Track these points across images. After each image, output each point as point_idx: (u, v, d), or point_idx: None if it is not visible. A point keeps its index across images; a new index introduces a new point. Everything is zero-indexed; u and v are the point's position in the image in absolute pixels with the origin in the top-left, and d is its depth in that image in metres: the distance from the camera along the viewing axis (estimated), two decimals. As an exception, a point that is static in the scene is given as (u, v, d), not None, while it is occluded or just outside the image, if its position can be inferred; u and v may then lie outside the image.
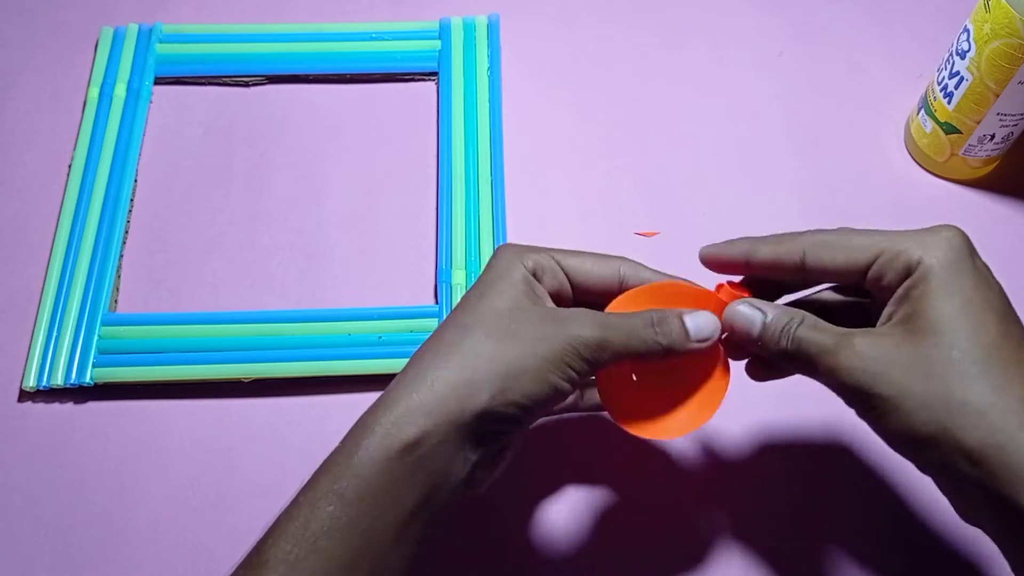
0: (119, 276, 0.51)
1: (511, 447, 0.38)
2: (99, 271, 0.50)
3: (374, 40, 0.59)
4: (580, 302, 0.38)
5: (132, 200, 0.53)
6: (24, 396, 0.48)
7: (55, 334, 0.48)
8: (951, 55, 0.50)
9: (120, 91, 0.56)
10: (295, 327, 0.49)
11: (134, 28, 0.59)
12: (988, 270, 0.34)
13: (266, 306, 0.50)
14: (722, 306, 0.37)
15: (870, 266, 0.34)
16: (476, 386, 0.33)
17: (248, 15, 0.60)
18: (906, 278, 0.33)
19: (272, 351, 0.48)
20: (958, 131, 0.51)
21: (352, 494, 0.32)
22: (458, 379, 0.33)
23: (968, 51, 0.48)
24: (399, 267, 0.51)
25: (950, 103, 0.51)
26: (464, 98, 0.56)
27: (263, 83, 0.58)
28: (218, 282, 0.51)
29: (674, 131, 0.56)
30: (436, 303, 0.50)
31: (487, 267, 0.38)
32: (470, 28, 0.59)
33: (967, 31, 0.48)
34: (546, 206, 0.53)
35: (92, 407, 0.47)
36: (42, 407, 0.47)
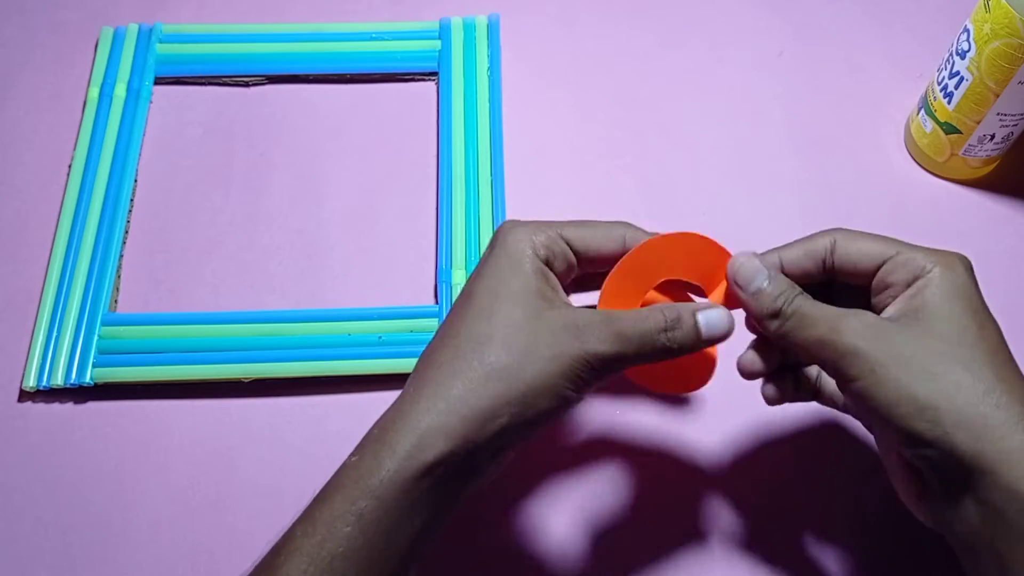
0: (119, 276, 0.51)
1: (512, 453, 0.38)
2: (99, 271, 0.50)
3: (374, 40, 0.59)
4: (585, 271, 0.38)
5: (132, 200, 0.53)
6: (24, 396, 0.48)
7: (55, 334, 0.48)
8: (951, 55, 0.50)
9: (120, 91, 0.56)
10: (295, 327, 0.49)
11: (134, 28, 0.59)
12: (979, 289, 0.35)
13: (266, 306, 0.50)
14: (726, 257, 0.38)
15: (885, 263, 0.35)
16: (496, 409, 0.33)
17: (248, 15, 0.60)
18: (913, 281, 0.34)
19: (272, 351, 0.48)
20: (958, 131, 0.51)
21: (371, 516, 0.32)
22: (480, 402, 0.33)
23: (968, 51, 0.48)
24: (399, 267, 0.51)
25: (950, 103, 0.51)
26: (464, 98, 0.56)
27: (263, 83, 0.58)
28: (218, 282, 0.51)
29: (674, 131, 0.56)
30: (436, 303, 0.50)
31: (495, 251, 0.37)
32: (470, 28, 0.59)
33: (967, 31, 0.48)
34: (546, 206, 0.53)
35: (92, 407, 0.47)
36: (42, 407, 0.47)
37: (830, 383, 0.40)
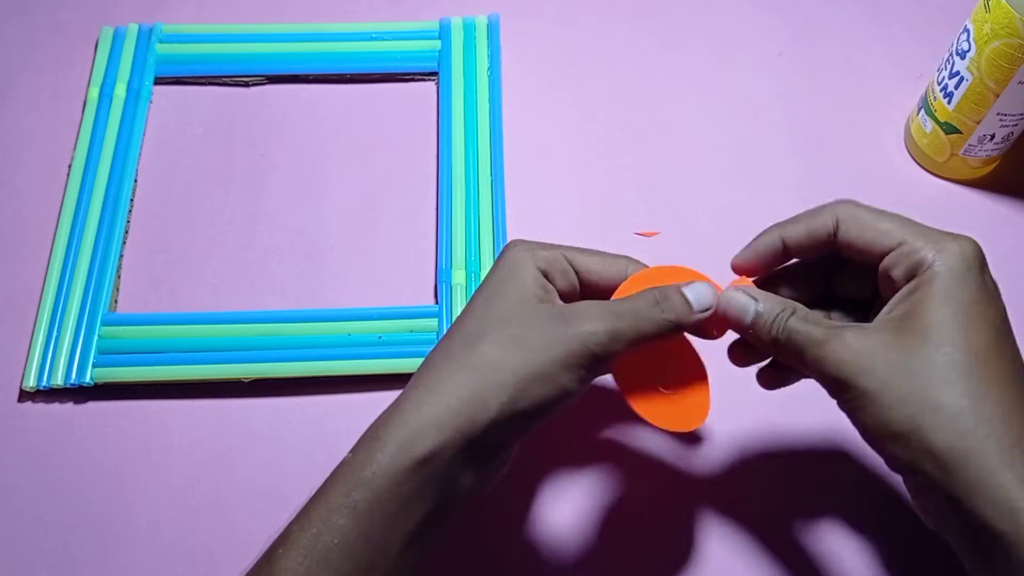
0: (119, 276, 0.51)
1: (514, 449, 0.38)
2: (99, 271, 0.50)
3: (374, 40, 0.59)
4: (586, 298, 0.38)
5: (132, 200, 0.53)
6: (24, 396, 0.48)
7: (55, 334, 0.48)
8: (951, 55, 0.50)
9: (120, 91, 0.56)
10: (295, 327, 0.49)
11: (134, 28, 0.59)
12: (995, 288, 0.34)
13: (266, 306, 0.50)
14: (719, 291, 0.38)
15: (888, 253, 0.35)
16: (486, 399, 0.33)
17: (248, 15, 0.60)
18: (912, 277, 0.34)
19: (272, 351, 0.48)
20: (958, 131, 0.51)
21: (364, 507, 0.32)
22: (468, 392, 0.33)
23: (968, 51, 0.48)
24: (399, 267, 0.51)
25: (950, 103, 0.51)
26: (464, 98, 0.56)
27: (263, 83, 0.58)
28: (218, 282, 0.51)
29: (674, 131, 0.56)
30: (436, 303, 0.50)
31: (497, 264, 0.38)
32: (470, 28, 0.59)
33: (967, 31, 0.48)
34: (546, 206, 0.53)
35: (92, 407, 0.47)
36: (42, 407, 0.47)
37: None
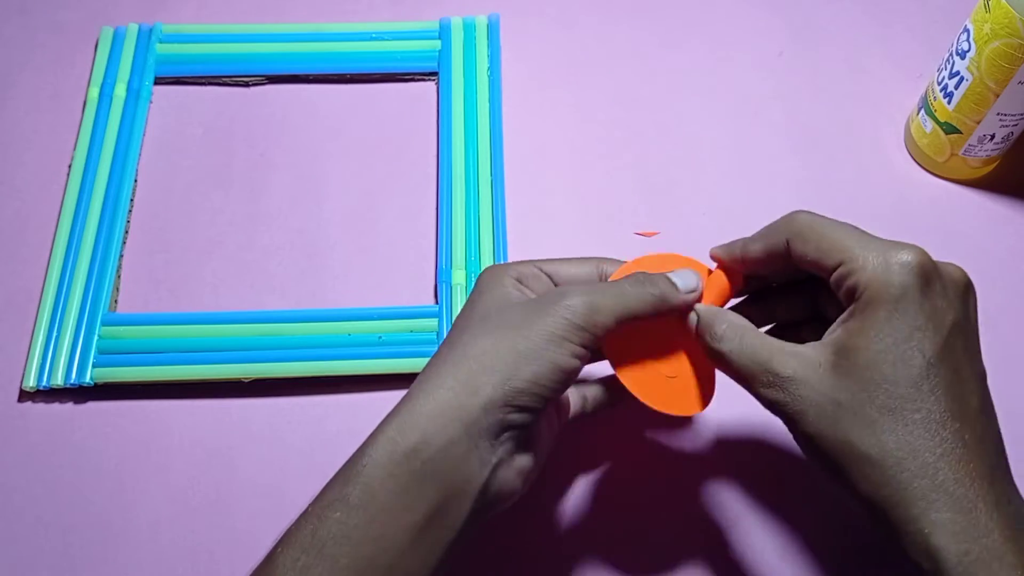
0: (119, 276, 0.51)
1: (539, 449, 0.37)
2: (99, 271, 0.50)
3: (374, 40, 0.59)
4: None
5: (132, 200, 0.53)
6: (24, 396, 0.48)
7: (55, 334, 0.48)
8: (951, 55, 0.50)
9: (120, 91, 0.56)
10: (295, 327, 0.49)
11: (134, 28, 0.59)
12: (942, 299, 0.33)
13: (266, 306, 0.50)
14: (704, 271, 0.39)
15: (835, 269, 0.34)
16: (474, 383, 0.33)
17: (248, 15, 0.60)
18: (852, 298, 0.33)
19: (272, 351, 0.48)
20: (958, 131, 0.51)
21: (357, 500, 0.32)
22: (456, 382, 0.34)
23: (968, 51, 0.48)
24: (399, 267, 0.51)
25: (950, 103, 0.51)
26: (464, 98, 0.56)
27: (263, 83, 0.58)
28: (218, 282, 0.51)
29: (674, 131, 0.56)
30: (436, 303, 0.50)
31: (475, 285, 0.38)
32: (470, 28, 0.59)
33: (967, 31, 0.48)
34: (546, 206, 0.53)
35: (92, 407, 0.47)
36: (42, 407, 0.47)
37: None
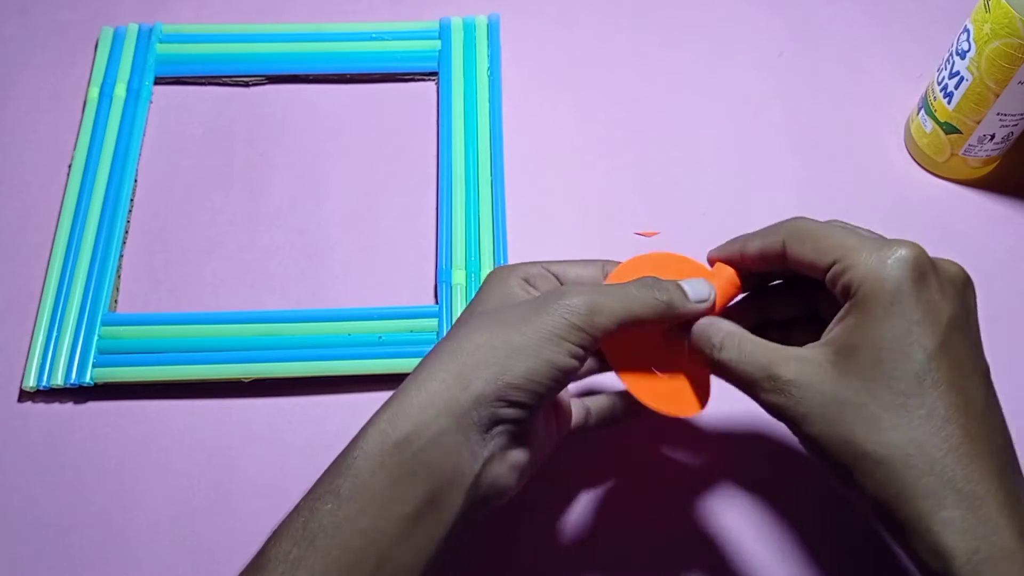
0: (119, 276, 0.51)
1: (536, 448, 0.37)
2: (99, 271, 0.50)
3: (374, 40, 0.59)
4: None
5: (132, 200, 0.53)
6: (24, 396, 0.48)
7: (55, 334, 0.48)
8: (951, 55, 0.50)
9: (120, 91, 0.56)
10: (295, 327, 0.49)
11: (134, 28, 0.59)
12: (938, 294, 0.33)
13: (266, 306, 0.50)
14: (701, 270, 0.39)
15: (830, 268, 0.34)
16: (467, 376, 0.33)
17: (248, 15, 0.60)
18: (848, 296, 0.33)
19: (272, 351, 0.48)
20: (958, 131, 0.51)
21: (348, 491, 0.32)
22: (449, 374, 0.34)
23: (968, 51, 0.48)
24: (399, 267, 0.51)
25: (950, 103, 0.51)
26: (464, 98, 0.56)
27: (263, 83, 0.58)
28: (218, 282, 0.51)
29: (674, 131, 0.56)
30: (436, 303, 0.50)
31: (482, 284, 0.38)
32: (470, 28, 0.59)
33: (967, 31, 0.48)
34: (546, 206, 0.53)
35: (92, 407, 0.47)
36: (42, 407, 0.47)
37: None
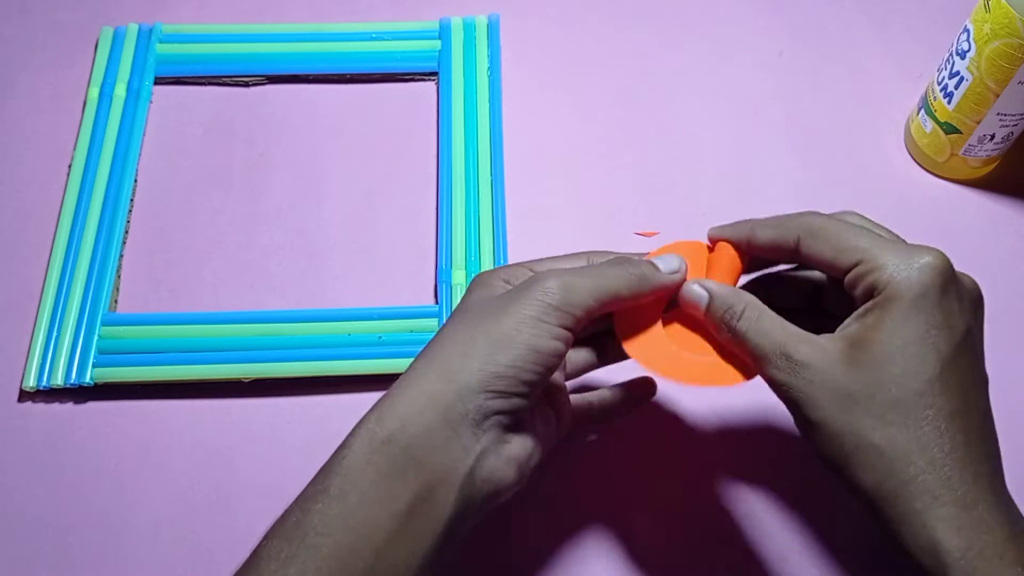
0: (119, 276, 0.51)
1: (535, 439, 0.36)
2: (99, 271, 0.50)
3: (374, 40, 0.59)
4: None
5: (132, 200, 0.53)
6: (24, 396, 0.48)
7: (55, 334, 0.48)
8: (951, 55, 0.50)
9: (120, 91, 0.56)
10: (295, 327, 0.49)
11: (134, 28, 0.59)
12: (958, 303, 0.33)
13: (266, 306, 0.50)
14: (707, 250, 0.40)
15: (849, 270, 0.34)
16: (451, 370, 0.33)
17: (248, 15, 0.60)
18: (870, 296, 0.34)
19: (272, 351, 0.48)
20: (958, 131, 0.51)
21: (338, 489, 0.32)
22: (432, 371, 0.34)
23: (968, 51, 0.48)
24: (399, 267, 0.51)
25: (950, 103, 0.51)
26: (464, 98, 0.56)
27: (263, 83, 0.58)
28: (218, 282, 0.51)
29: (674, 131, 0.56)
30: (436, 303, 0.50)
31: (465, 292, 0.38)
32: (470, 28, 0.59)
33: (967, 31, 0.48)
34: (546, 206, 0.53)
35: (92, 407, 0.47)
36: (42, 407, 0.47)
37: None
